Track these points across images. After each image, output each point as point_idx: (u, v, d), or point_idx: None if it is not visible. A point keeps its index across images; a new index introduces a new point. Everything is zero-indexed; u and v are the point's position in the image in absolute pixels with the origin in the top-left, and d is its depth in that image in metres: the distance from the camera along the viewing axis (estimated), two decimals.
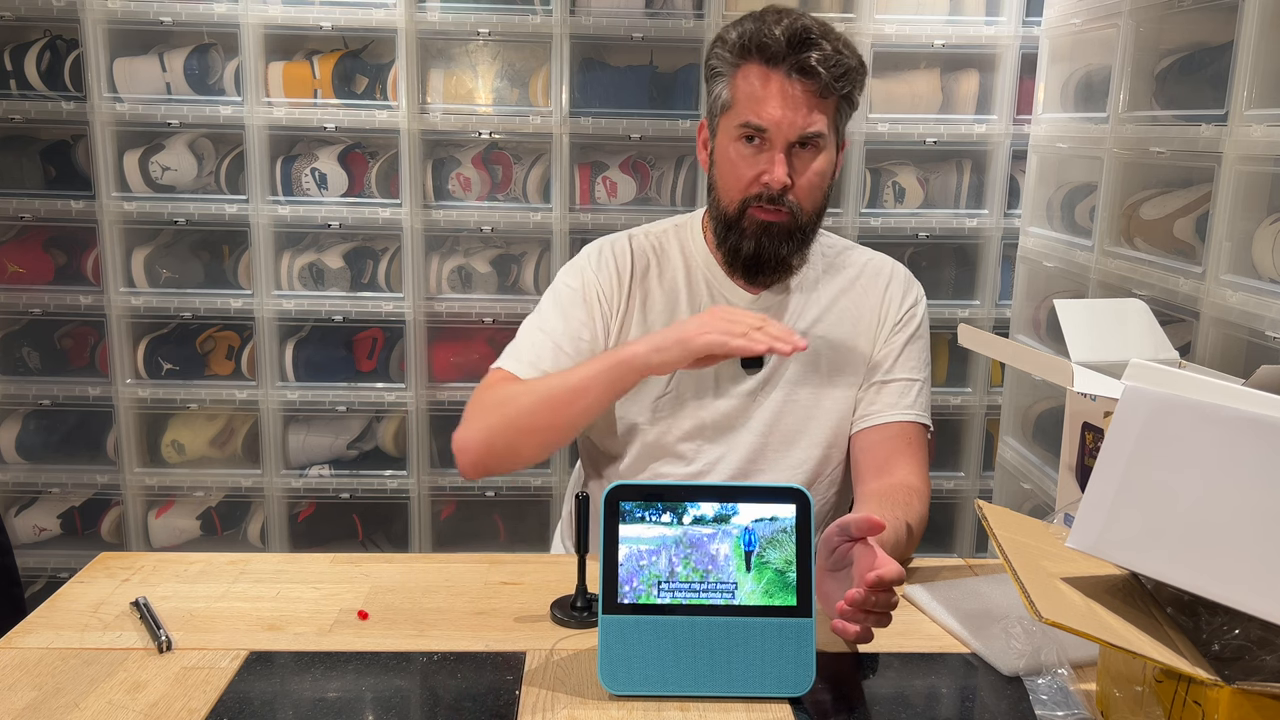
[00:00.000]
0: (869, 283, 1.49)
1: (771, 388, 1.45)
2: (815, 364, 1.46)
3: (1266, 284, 1.52)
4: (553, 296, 1.48)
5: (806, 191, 1.37)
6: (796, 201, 1.36)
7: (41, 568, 2.49)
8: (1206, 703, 0.82)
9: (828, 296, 1.48)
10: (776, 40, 1.31)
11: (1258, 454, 0.87)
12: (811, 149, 1.35)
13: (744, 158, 1.36)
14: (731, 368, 1.43)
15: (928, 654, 1.12)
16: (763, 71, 1.33)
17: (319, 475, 2.50)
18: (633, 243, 1.50)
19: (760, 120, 1.33)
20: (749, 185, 1.36)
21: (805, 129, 1.33)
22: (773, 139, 1.33)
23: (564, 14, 2.32)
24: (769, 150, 1.34)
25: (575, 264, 1.49)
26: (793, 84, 1.32)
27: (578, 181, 2.43)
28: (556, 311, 1.46)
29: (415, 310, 2.43)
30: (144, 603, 1.17)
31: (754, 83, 1.34)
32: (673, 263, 1.48)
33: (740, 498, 1.04)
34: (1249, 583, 0.85)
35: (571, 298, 1.46)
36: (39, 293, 2.42)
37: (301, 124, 2.37)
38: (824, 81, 1.32)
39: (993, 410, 2.54)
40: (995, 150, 2.43)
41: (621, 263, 1.47)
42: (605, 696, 1.01)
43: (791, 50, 1.31)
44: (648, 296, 1.47)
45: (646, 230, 1.52)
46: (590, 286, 1.46)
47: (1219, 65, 1.63)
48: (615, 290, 1.46)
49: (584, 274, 1.47)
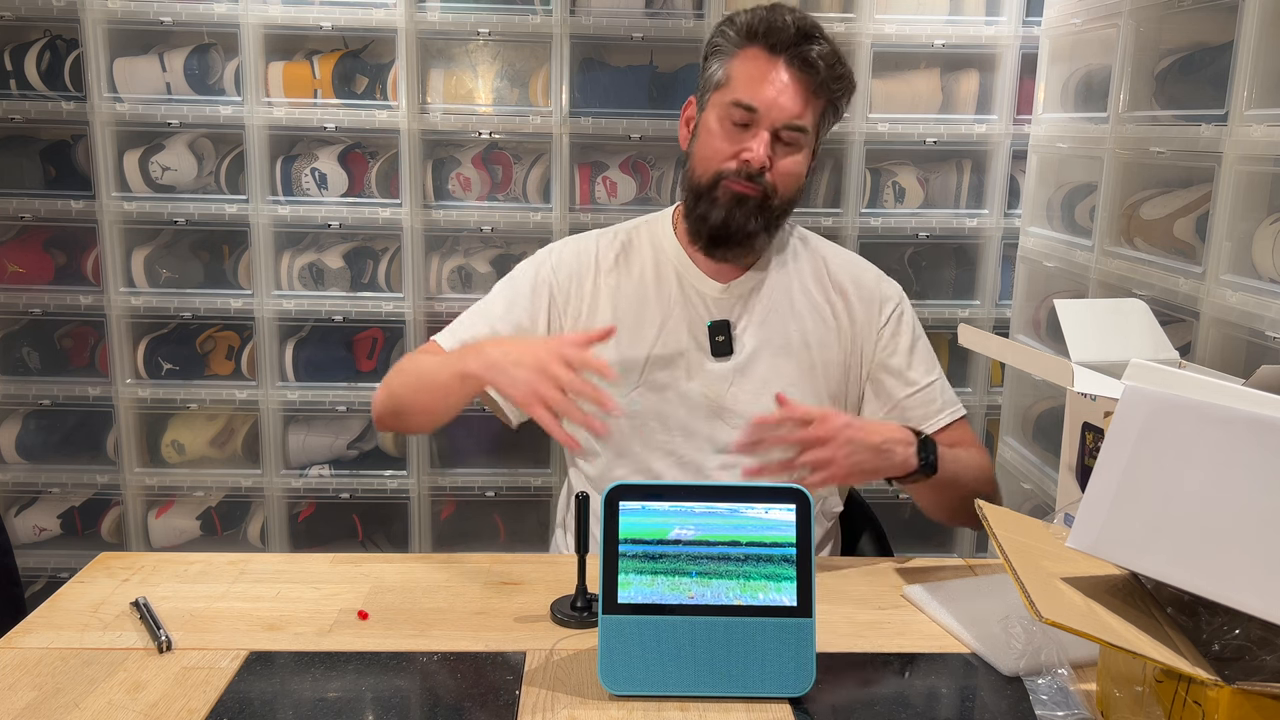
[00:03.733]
0: (855, 292, 1.49)
1: (744, 378, 1.46)
2: (788, 356, 1.47)
3: (1266, 284, 1.52)
4: (503, 284, 1.52)
5: (781, 178, 1.39)
6: (771, 183, 1.38)
7: (41, 568, 2.49)
8: (1206, 703, 0.82)
9: (802, 291, 1.49)
10: (786, 27, 1.35)
11: (1258, 454, 0.87)
12: (792, 143, 1.38)
13: (728, 134, 1.38)
14: (701, 356, 1.45)
15: (928, 654, 1.12)
16: (765, 56, 1.36)
17: (319, 475, 2.50)
18: (599, 240, 1.52)
19: (753, 100, 1.35)
20: (726, 160, 1.38)
21: (794, 118, 1.36)
22: (760, 120, 1.36)
23: (564, 14, 2.32)
24: (753, 131, 1.36)
25: (535, 256, 1.53)
26: (791, 73, 1.36)
27: (578, 181, 2.43)
28: (502, 298, 1.49)
29: (415, 310, 2.43)
30: (144, 603, 1.17)
31: (754, 65, 1.37)
32: (641, 255, 1.50)
33: (740, 497, 1.04)
34: (1249, 583, 0.85)
35: (520, 287, 1.49)
36: (39, 293, 2.42)
37: (301, 124, 2.37)
38: (821, 78, 1.36)
39: (993, 410, 2.54)
40: (995, 150, 2.43)
41: (584, 256, 1.50)
42: (605, 696, 1.01)
43: (798, 41, 1.35)
44: (617, 286, 1.48)
45: (616, 229, 1.55)
46: (544, 279, 1.48)
47: (1219, 65, 1.63)
48: (571, 283, 1.48)
49: (539, 267, 1.50)
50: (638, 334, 1.46)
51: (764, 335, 1.46)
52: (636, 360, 1.46)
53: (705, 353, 1.45)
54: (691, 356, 1.45)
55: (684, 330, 1.46)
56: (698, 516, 1.03)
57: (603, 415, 1.25)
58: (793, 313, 1.48)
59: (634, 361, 1.46)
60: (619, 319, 1.46)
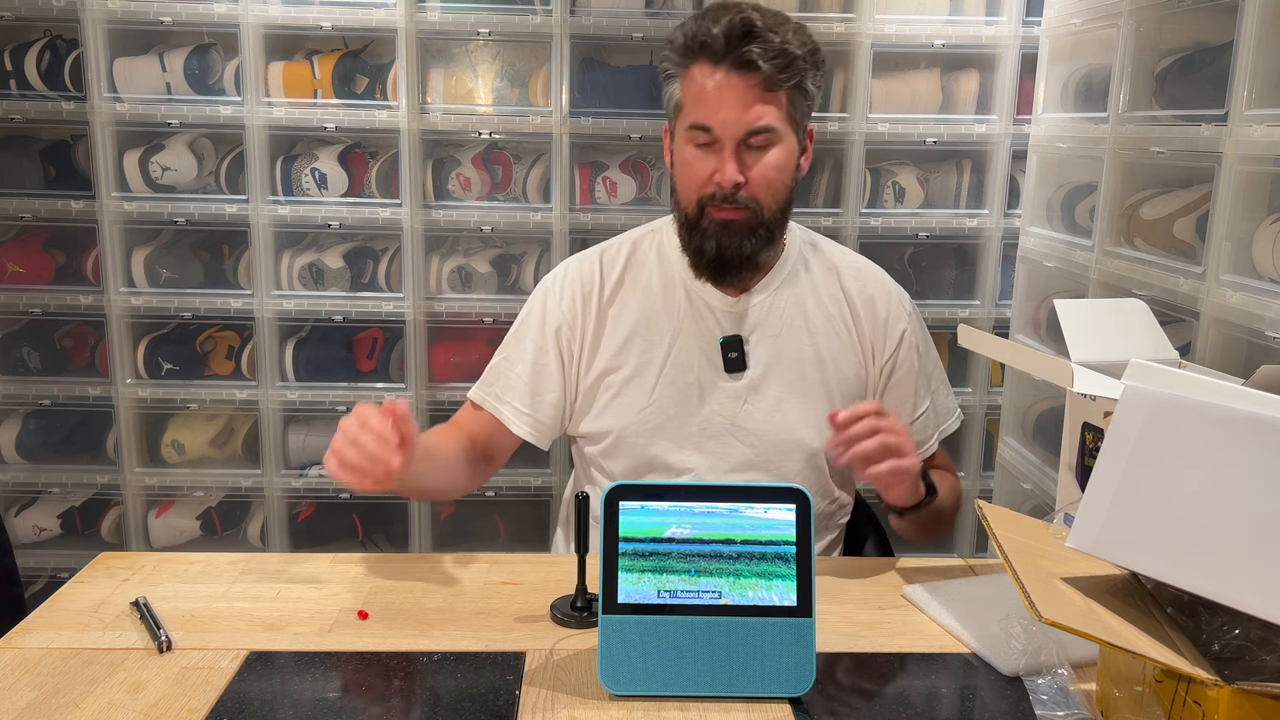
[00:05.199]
0: (865, 308, 1.47)
1: (758, 396, 1.43)
2: (802, 372, 1.44)
3: (1266, 284, 1.52)
4: (521, 320, 1.51)
5: (763, 186, 1.35)
6: (753, 197, 1.34)
7: (41, 568, 2.49)
8: (1206, 703, 0.82)
9: (816, 304, 1.46)
10: (715, 38, 1.30)
11: (1258, 454, 0.87)
12: (763, 145, 1.33)
13: (697, 158, 1.35)
14: (714, 374, 1.43)
15: (928, 654, 1.12)
16: (707, 70, 1.32)
17: (319, 475, 2.50)
18: (603, 258, 1.49)
19: (706, 120, 1.32)
20: (703, 185, 1.35)
21: (752, 124, 1.31)
22: (721, 137, 1.32)
23: (564, 14, 2.32)
24: (719, 149, 1.33)
25: (542, 287, 1.51)
26: (735, 80, 1.30)
27: (578, 181, 2.43)
28: (519, 339, 1.49)
29: (415, 310, 2.43)
30: (144, 603, 1.17)
31: (699, 82, 1.32)
32: (647, 269, 1.47)
33: (740, 498, 1.04)
34: (1249, 583, 0.85)
35: (533, 326, 1.48)
36: (39, 293, 2.42)
37: (301, 124, 2.37)
38: (766, 74, 1.29)
39: (993, 410, 2.54)
40: (995, 150, 2.43)
41: (588, 277, 1.47)
42: (605, 696, 1.01)
43: (731, 46, 1.29)
44: (621, 311, 1.46)
45: (620, 241, 1.51)
46: (551, 318, 1.47)
47: (1219, 65, 1.63)
48: (577, 316, 1.46)
49: (546, 302, 1.49)
50: (649, 351, 1.44)
51: (777, 350, 1.44)
52: (651, 371, 1.44)
53: (718, 369, 1.43)
54: (704, 374, 1.43)
55: (695, 346, 1.44)
56: (697, 516, 1.03)
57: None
58: (807, 327, 1.45)
59: (648, 372, 1.44)
60: (629, 338, 1.45)
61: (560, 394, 1.47)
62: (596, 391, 1.46)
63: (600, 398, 1.46)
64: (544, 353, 1.46)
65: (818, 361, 1.44)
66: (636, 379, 1.44)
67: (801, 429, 1.44)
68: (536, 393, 1.46)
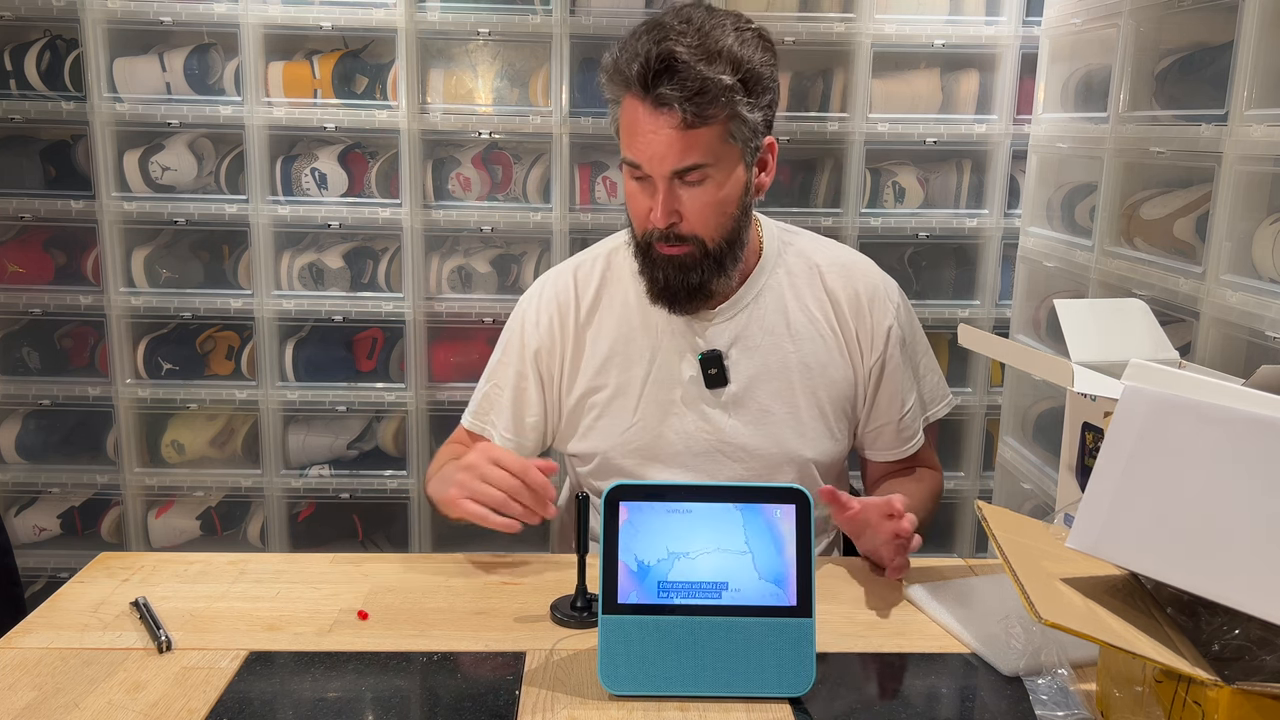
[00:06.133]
0: (851, 306, 1.42)
1: (742, 410, 1.40)
2: (788, 381, 1.41)
3: (1266, 284, 1.52)
4: (503, 344, 1.49)
5: (700, 221, 1.28)
6: (693, 233, 1.29)
7: (41, 568, 2.49)
8: (1206, 703, 0.82)
9: (799, 309, 1.42)
10: (635, 73, 1.21)
11: (1258, 454, 0.87)
12: (698, 179, 1.25)
13: (636, 192, 1.30)
14: (696, 390, 1.40)
15: (928, 654, 1.12)
16: (635, 103, 1.24)
17: (319, 475, 2.50)
18: (577, 275, 1.45)
19: (635, 156, 1.26)
20: (643, 221, 1.30)
21: (679, 165, 1.24)
22: (651, 174, 1.26)
23: (564, 14, 2.32)
24: (652, 185, 1.27)
25: (520, 308, 1.48)
26: (660, 118, 1.22)
27: (578, 181, 2.43)
28: (504, 364, 1.47)
29: (415, 310, 2.43)
30: (144, 603, 1.17)
31: (630, 115, 1.26)
32: (623, 283, 1.43)
33: (740, 498, 1.04)
34: (1249, 583, 0.85)
35: (513, 351, 1.47)
36: (39, 293, 2.42)
37: (301, 124, 2.37)
38: (686, 114, 1.20)
39: (993, 410, 2.54)
40: (995, 150, 2.43)
41: (563, 297, 1.44)
42: (605, 696, 1.01)
43: (649, 85, 1.21)
44: (599, 330, 1.43)
45: (595, 254, 1.47)
46: (530, 341, 1.45)
47: (1219, 65, 1.63)
48: (555, 338, 1.44)
49: (524, 325, 1.46)
50: (629, 370, 1.41)
51: (761, 361, 1.40)
52: (632, 391, 1.41)
53: (700, 385, 1.39)
54: (687, 390, 1.40)
55: (676, 363, 1.40)
56: (697, 516, 1.03)
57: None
58: (790, 334, 1.40)
59: (630, 391, 1.41)
60: (609, 357, 1.42)
61: (540, 417, 1.46)
62: (580, 412, 1.44)
63: (584, 419, 1.44)
64: (524, 377, 1.45)
65: (804, 369, 1.40)
66: (619, 399, 1.42)
67: (790, 440, 1.41)
68: (518, 417, 1.46)
